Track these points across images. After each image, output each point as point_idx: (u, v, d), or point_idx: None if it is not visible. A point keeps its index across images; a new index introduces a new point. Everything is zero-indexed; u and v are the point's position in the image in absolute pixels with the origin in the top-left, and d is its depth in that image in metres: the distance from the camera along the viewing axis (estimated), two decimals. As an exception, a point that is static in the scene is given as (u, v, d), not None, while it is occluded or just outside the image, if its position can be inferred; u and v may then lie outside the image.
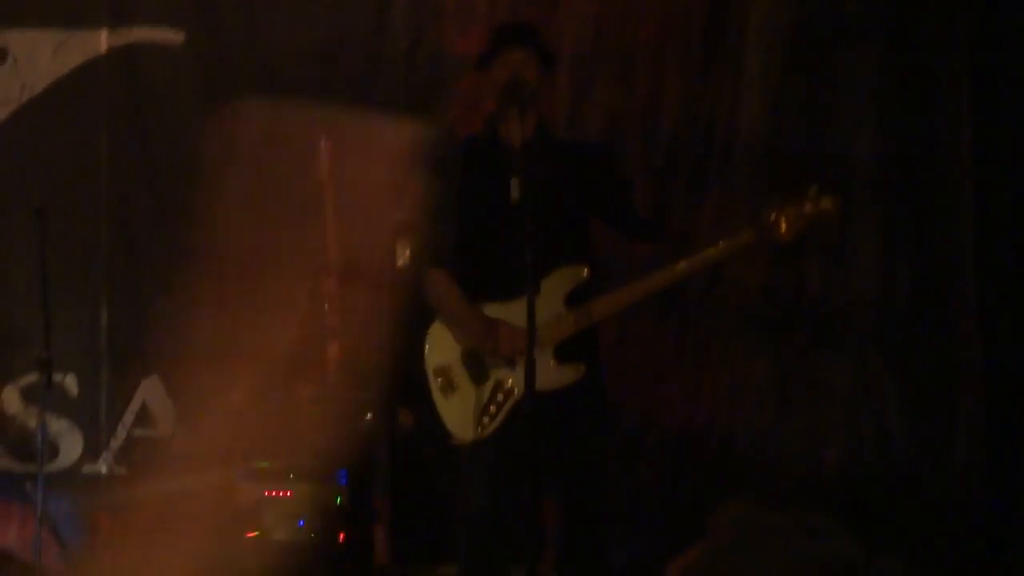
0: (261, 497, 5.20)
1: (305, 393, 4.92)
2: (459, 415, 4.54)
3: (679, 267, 4.55)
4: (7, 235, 5.98)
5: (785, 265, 6.15)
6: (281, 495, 5.20)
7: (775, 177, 6.14)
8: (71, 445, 6.02)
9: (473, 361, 4.57)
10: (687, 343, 6.21)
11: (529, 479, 4.26)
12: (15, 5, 6.18)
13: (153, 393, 6.10)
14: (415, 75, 6.23)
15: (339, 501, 5.22)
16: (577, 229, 4.65)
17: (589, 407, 4.57)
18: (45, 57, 6.02)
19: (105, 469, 6.07)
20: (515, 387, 4.49)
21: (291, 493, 5.21)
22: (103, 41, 6.16)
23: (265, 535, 5.20)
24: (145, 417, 6.10)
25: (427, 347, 4.62)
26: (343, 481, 5.22)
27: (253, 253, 1.24)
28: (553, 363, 4.48)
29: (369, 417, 5.30)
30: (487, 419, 4.51)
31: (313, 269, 1.27)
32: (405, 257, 5.70)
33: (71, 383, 6.03)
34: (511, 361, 4.54)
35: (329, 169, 4.85)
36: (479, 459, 4.52)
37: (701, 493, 5.77)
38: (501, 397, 4.53)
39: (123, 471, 6.07)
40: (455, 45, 6.18)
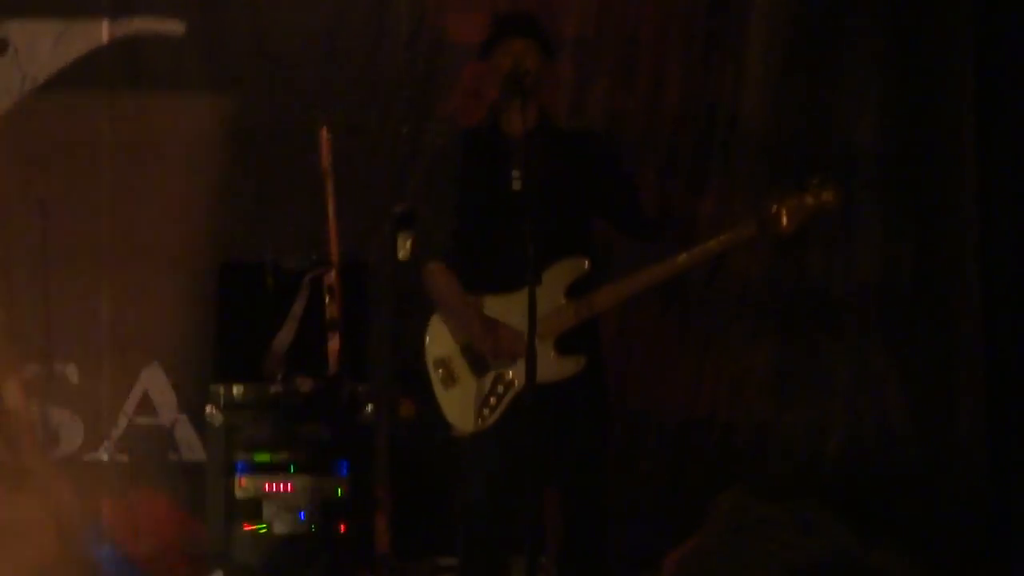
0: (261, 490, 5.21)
1: (305, 386, 4.89)
2: (459, 407, 4.53)
3: (680, 259, 4.54)
4: (8, 225, 5.98)
5: (786, 256, 6.14)
6: (281, 488, 5.20)
7: (776, 167, 6.14)
8: (72, 434, 6.02)
9: (473, 353, 4.56)
10: (688, 333, 6.20)
11: (529, 471, 4.26)
12: (16, -4, 6.18)
13: (154, 381, 6.11)
14: (416, 63, 6.22)
15: (339, 493, 5.22)
16: (579, 220, 4.64)
17: (589, 399, 4.56)
18: (46, 48, 6.01)
19: (106, 457, 6.07)
20: (515, 379, 4.49)
21: (291, 486, 5.21)
22: (104, 31, 6.15)
23: (267, 528, 5.21)
24: (146, 406, 6.10)
25: (427, 339, 4.61)
26: (344, 473, 5.22)
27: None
28: (554, 355, 4.48)
29: (370, 409, 5.29)
30: (487, 411, 4.50)
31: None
32: (406, 249, 5.66)
33: (72, 372, 6.03)
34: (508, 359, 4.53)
35: (329, 159, 4.80)
36: (479, 451, 4.52)
37: (701, 484, 5.77)
38: (501, 389, 4.52)
39: (124, 459, 6.07)
40: (456, 33, 6.17)
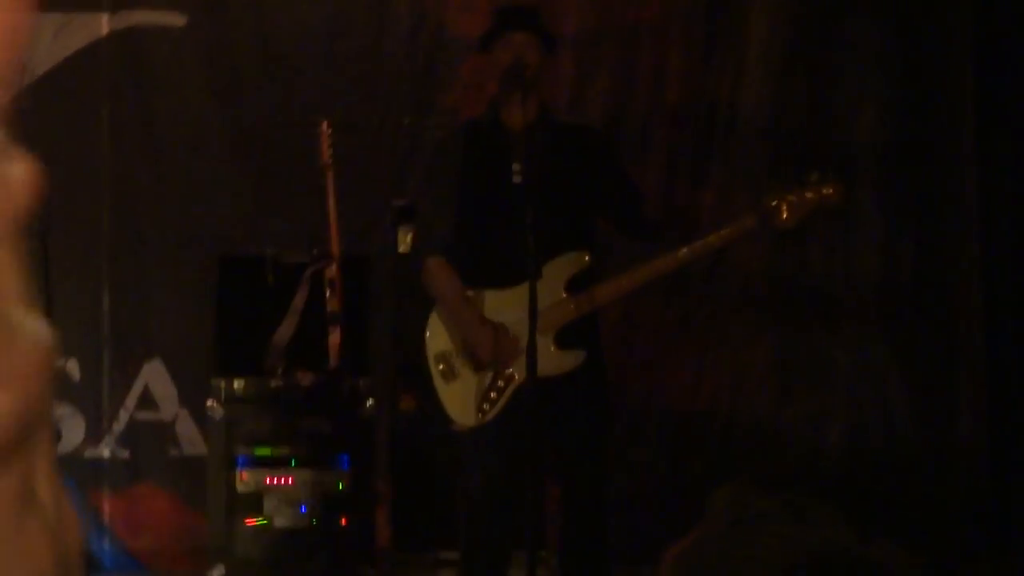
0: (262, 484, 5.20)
1: (305, 379, 4.89)
2: (460, 401, 4.53)
3: (681, 253, 4.53)
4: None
5: (787, 250, 6.14)
6: (282, 482, 5.20)
7: (777, 160, 6.13)
8: (73, 430, 6.01)
9: (471, 353, 4.55)
10: (688, 327, 6.20)
11: (530, 464, 4.25)
12: (15, -12, 6.15)
13: (155, 377, 6.10)
14: (416, 56, 6.21)
15: (340, 486, 5.21)
16: (579, 214, 4.63)
17: (590, 393, 4.55)
18: (46, 40, 6.00)
19: (108, 453, 6.07)
20: (516, 373, 4.48)
21: (292, 480, 5.21)
22: (104, 24, 6.14)
23: (268, 522, 5.20)
24: (147, 400, 6.10)
25: (428, 333, 4.60)
26: (345, 466, 5.22)
27: None
28: (554, 349, 4.47)
29: (370, 403, 5.29)
30: (488, 405, 4.50)
31: None
32: (407, 243, 5.65)
33: (73, 367, 6.02)
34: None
35: (329, 152, 4.79)
36: (480, 445, 4.51)
37: (701, 477, 5.76)
38: (502, 383, 4.51)
39: (125, 455, 6.07)
40: (457, 27, 6.16)
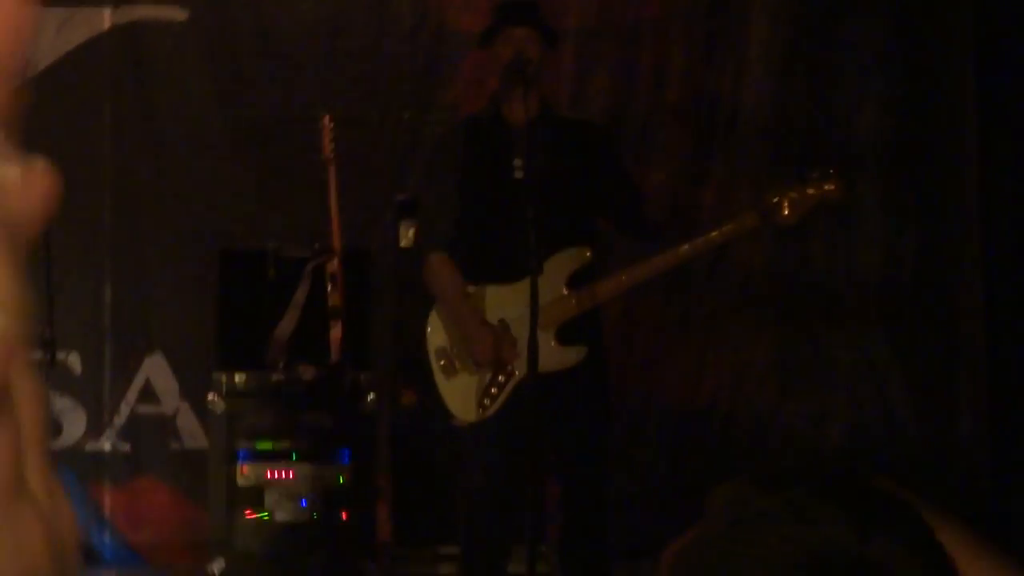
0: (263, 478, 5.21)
1: (307, 374, 4.89)
2: (461, 396, 4.52)
3: (682, 250, 4.52)
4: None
5: (788, 247, 6.14)
6: (283, 476, 5.20)
7: (778, 159, 6.13)
8: (74, 423, 6.02)
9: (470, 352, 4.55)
10: (689, 324, 6.20)
11: (530, 460, 4.25)
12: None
13: (157, 370, 6.11)
14: (418, 52, 6.21)
15: (341, 481, 5.22)
16: (581, 210, 4.62)
17: (591, 389, 4.55)
18: (48, 34, 6.00)
19: (108, 447, 6.07)
20: (516, 369, 4.48)
21: (293, 474, 5.21)
22: (106, 19, 6.15)
23: (269, 516, 5.21)
24: (149, 394, 6.10)
25: (428, 328, 4.59)
26: (345, 461, 5.22)
27: None
28: (555, 345, 4.47)
29: (371, 397, 5.29)
30: (488, 401, 4.49)
31: None
32: (408, 237, 5.65)
33: (74, 361, 6.03)
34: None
35: (331, 147, 4.79)
36: (481, 440, 4.50)
37: (701, 474, 5.77)
38: (502, 379, 4.51)
39: (126, 448, 6.07)
40: (458, 22, 6.16)
